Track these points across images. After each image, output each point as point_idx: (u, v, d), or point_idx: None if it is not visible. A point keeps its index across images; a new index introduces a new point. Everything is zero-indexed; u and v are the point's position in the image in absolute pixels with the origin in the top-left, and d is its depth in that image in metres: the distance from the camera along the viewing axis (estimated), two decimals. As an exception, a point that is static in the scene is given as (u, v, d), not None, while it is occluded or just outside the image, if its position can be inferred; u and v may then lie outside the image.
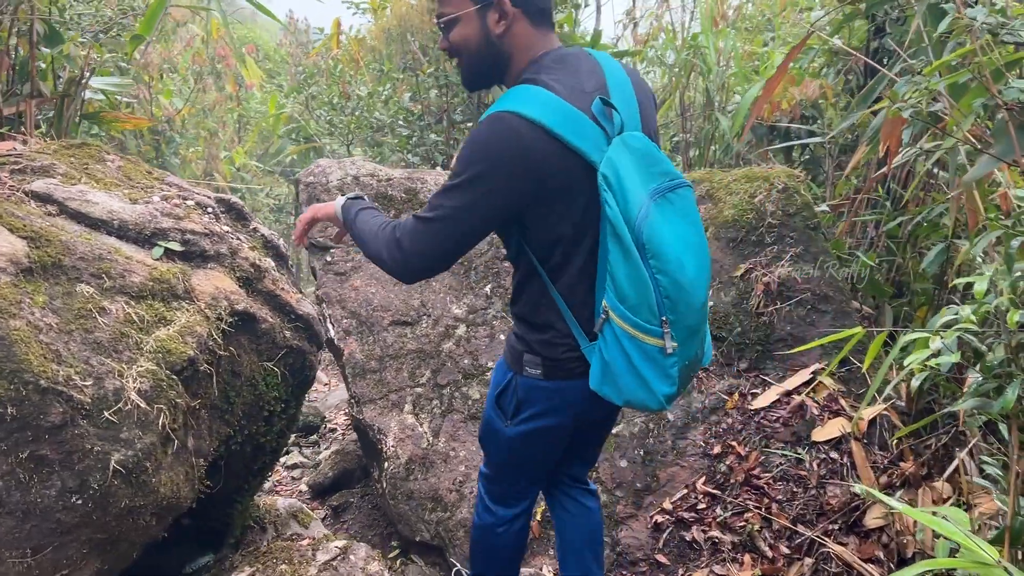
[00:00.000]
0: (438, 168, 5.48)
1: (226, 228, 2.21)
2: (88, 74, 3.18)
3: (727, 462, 3.39)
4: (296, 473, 4.80)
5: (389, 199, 4.15)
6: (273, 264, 2.31)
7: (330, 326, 3.94)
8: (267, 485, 4.66)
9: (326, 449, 5.00)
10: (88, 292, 1.75)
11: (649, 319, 1.83)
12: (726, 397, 3.55)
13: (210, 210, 2.21)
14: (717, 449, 3.44)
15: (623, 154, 1.82)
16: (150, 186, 2.21)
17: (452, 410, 3.67)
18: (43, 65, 3.23)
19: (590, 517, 2.54)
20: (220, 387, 2.04)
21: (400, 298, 3.92)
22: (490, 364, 3.72)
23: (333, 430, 5.45)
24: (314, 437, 5.31)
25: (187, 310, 1.90)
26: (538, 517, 3.39)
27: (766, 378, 3.57)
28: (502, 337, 3.76)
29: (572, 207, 1.87)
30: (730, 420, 3.50)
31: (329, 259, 4.05)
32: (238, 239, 2.22)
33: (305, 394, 2.60)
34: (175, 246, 2.05)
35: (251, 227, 2.35)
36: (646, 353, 1.87)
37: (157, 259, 2.00)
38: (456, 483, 3.52)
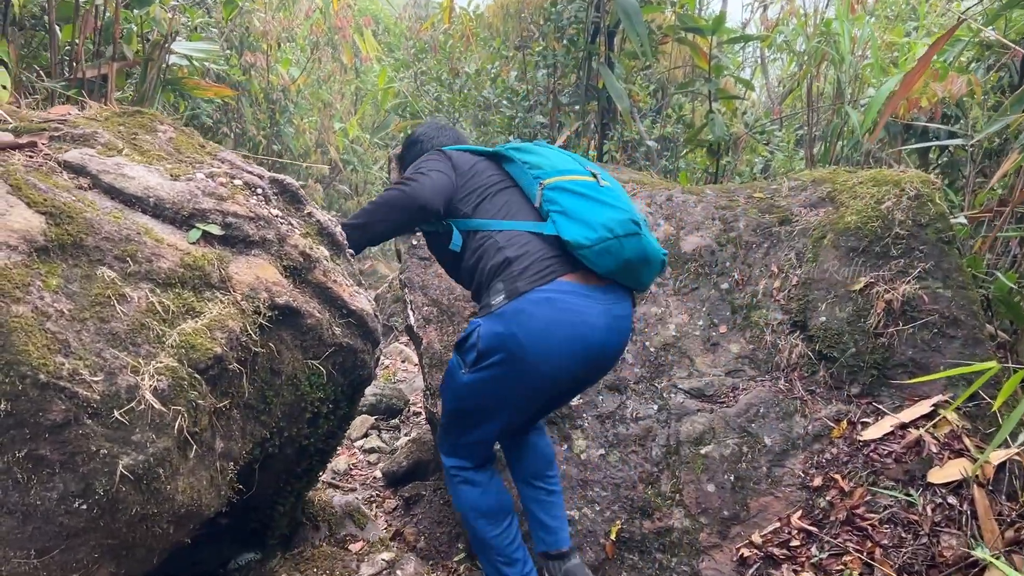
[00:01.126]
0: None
1: (276, 212, 2.02)
2: (171, 38, 3.08)
3: (828, 497, 3.05)
4: (373, 458, 4.68)
5: (481, 183, 3.94)
6: (327, 253, 2.11)
7: (411, 312, 3.77)
8: (342, 467, 4.56)
9: (405, 436, 4.86)
10: (109, 277, 1.59)
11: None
12: (833, 424, 3.19)
13: (260, 191, 2.03)
14: (818, 481, 3.09)
15: None
16: (200, 161, 2.04)
17: (529, 412, 3.44)
18: (134, 27, 3.16)
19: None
20: (256, 386, 1.87)
21: (484, 288, 3.70)
22: (573, 366, 3.47)
23: (417, 414, 5.30)
24: (395, 421, 5.18)
25: (221, 301, 1.73)
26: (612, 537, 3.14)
27: (880, 407, 3.19)
28: (588, 338, 3.50)
29: None
30: (835, 450, 3.15)
31: (415, 242, 3.87)
32: (289, 224, 2.03)
33: (360, 395, 2.41)
34: (215, 229, 1.88)
35: (305, 211, 2.16)
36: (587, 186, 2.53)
37: (193, 243, 1.83)
38: (527, 490, 3.29)
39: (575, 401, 3.39)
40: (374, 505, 4.18)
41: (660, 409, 3.33)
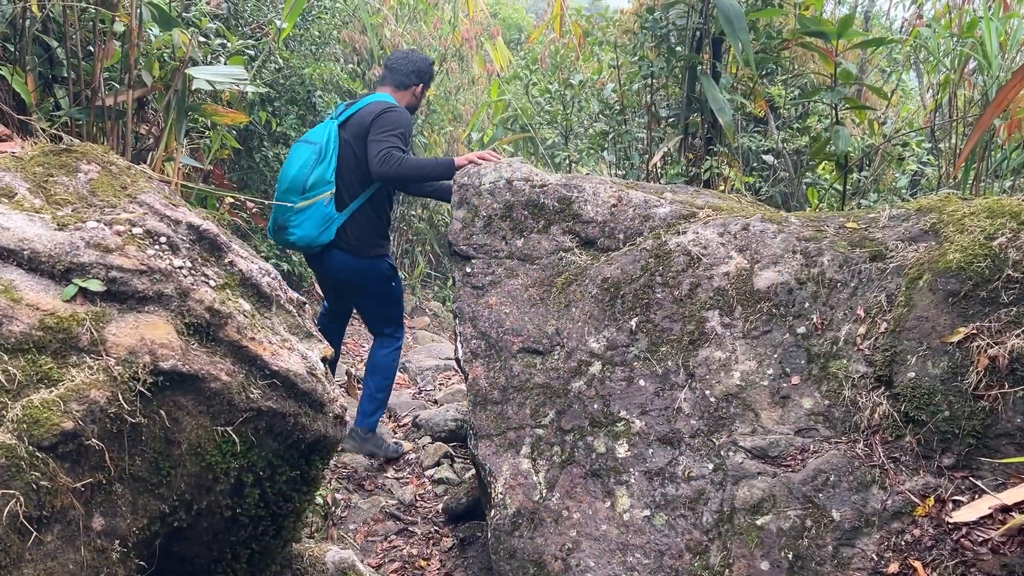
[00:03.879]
0: (613, 172, 4.90)
1: (181, 263, 1.84)
2: (187, 62, 3.00)
3: (905, 587, 2.58)
4: (440, 489, 4.50)
5: (540, 208, 3.66)
6: (247, 308, 1.91)
7: (459, 345, 3.56)
8: (408, 498, 4.40)
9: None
10: (-61, 344, 1.46)
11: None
12: (917, 501, 2.70)
13: (164, 240, 1.86)
14: (893, 567, 2.62)
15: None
16: (112, 205, 1.89)
17: (572, 461, 3.14)
18: (159, 51, 3.12)
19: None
20: (146, 457, 1.70)
21: (535, 322, 3.43)
22: (623, 413, 3.14)
23: None
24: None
25: (89, 367, 1.57)
26: None
27: (977, 483, 2.67)
28: (642, 383, 3.16)
29: None
30: (918, 531, 2.66)
31: (469, 270, 3.66)
32: (195, 276, 1.85)
33: (320, 455, 2.21)
34: (95, 285, 1.72)
35: (226, 260, 1.97)
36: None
37: (69, 300, 1.69)
38: (564, 550, 3.00)
39: (623, 453, 3.06)
40: (431, 543, 4.00)
41: (716, 469, 2.95)
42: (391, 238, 4.52)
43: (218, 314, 1.86)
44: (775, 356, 3.08)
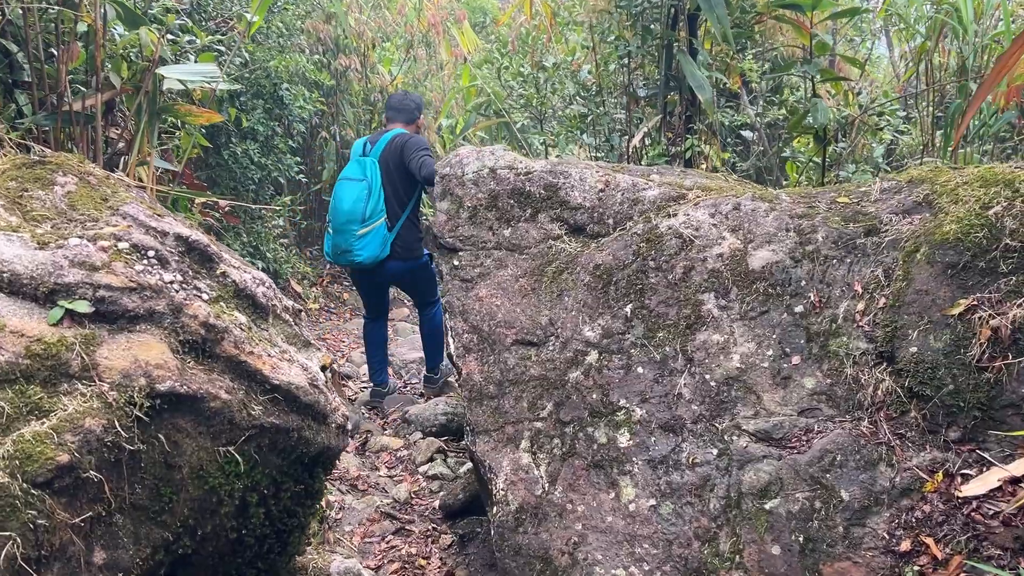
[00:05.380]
0: (593, 155, 4.83)
1: (172, 277, 1.74)
2: (156, 62, 2.87)
3: (918, 564, 2.56)
4: (435, 485, 4.44)
5: (526, 196, 3.59)
6: (243, 320, 1.82)
7: (451, 339, 3.49)
8: (403, 496, 4.33)
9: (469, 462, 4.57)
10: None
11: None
12: (925, 476, 2.68)
13: (152, 254, 1.75)
14: (905, 545, 2.60)
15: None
16: (94, 219, 1.79)
17: (573, 453, 3.09)
18: (126, 50, 2.97)
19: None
20: (146, 484, 1.62)
21: (527, 313, 3.37)
22: (623, 402, 3.09)
23: None
24: (464, 443, 4.91)
25: (81, 394, 1.48)
26: None
27: (985, 455, 2.65)
28: (640, 370, 3.11)
29: None
30: (928, 507, 2.64)
31: (456, 263, 3.58)
32: (187, 291, 1.75)
33: (322, 466, 2.13)
34: (82, 306, 1.62)
35: (218, 272, 1.87)
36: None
37: (55, 324, 1.59)
38: (570, 544, 2.95)
39: (624, 443, 3.01)
40: (429, 541, 3.94)
41: (720, 454, 2.91)
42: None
43: (214, 329, 1.76)
44: (774, 337, 3.04)
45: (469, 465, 4.37)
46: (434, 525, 4.01)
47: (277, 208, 8.23)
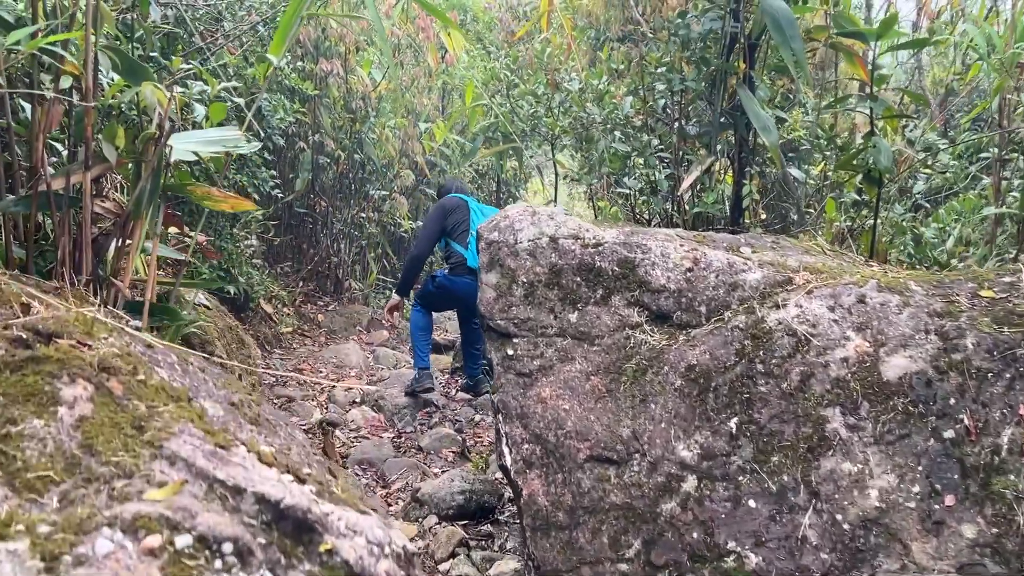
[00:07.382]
0: (633, 200, 4.24)
1: None
2: (168, 130, 2.18)
3: None
4: (462, 588, 3.79)
5: (596, 272, 2.99)
6: None
7: (506, 450, 2.89)
8: (423, 603, 3.69)
9: (504, 558, 3.88)
10: None
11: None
12: None
13: (228, 548, 0.97)
14: None
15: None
16: (125, 473, 1.00)
17: (670, 608, 2.50)
18: (121, 109, 2.30)
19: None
20: None
21: (603, 422, 2.77)
22: (732, 545, 2.51)
23: (515, 515, 4.32)
24: (487, 527, 4.28)
25: None
26: None
27: None
28: (752, 504, 2.53)
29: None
30: None
31: (511, 351, 2.97)
32: None
33: None
34: None
35: (321, 549, 1.09)
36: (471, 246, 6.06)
37: None
38: None
39: (735, 597, 2.43)
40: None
41: (860, 619, 2.34)
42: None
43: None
44: (920, 468, 2.48)
45: (502, 566, 3.73)
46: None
47: (247, 229, 7.50)
